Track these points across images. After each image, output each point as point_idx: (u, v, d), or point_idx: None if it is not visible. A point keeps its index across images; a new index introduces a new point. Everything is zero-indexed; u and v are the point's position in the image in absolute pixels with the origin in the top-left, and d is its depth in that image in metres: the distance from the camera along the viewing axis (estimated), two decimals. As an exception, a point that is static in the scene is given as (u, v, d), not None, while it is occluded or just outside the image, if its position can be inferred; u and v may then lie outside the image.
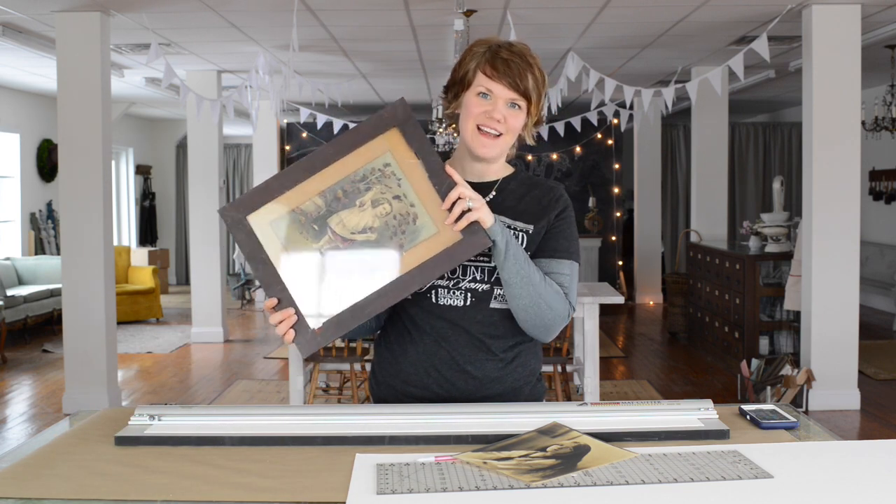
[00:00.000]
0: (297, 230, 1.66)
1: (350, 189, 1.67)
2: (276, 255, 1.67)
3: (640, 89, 6.02)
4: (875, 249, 9.86)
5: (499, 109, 1.73)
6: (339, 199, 1.67)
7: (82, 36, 5.49)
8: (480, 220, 1.64)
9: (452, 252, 1.65)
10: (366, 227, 1.66)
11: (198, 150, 8.21)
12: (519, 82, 1.71)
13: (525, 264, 1.69)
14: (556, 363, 4.89)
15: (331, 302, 1.65)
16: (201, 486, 1.32)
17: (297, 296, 1.65)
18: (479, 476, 1.32)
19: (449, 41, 6.61)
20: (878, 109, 7.86)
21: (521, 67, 1.72)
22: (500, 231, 1.67)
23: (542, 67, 1.76)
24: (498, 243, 1.67)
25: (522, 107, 1.74)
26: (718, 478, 1.32)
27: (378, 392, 1.87)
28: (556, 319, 1.74)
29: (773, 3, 5.48)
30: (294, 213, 1.67)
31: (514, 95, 1.72)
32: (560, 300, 1.74)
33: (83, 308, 5.56)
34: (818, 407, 5.53)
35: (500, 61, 1.72)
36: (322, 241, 1.66)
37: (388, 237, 1.66)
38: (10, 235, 9.57)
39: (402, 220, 1.66)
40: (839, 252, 5.52)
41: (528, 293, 1.70)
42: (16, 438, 5.12)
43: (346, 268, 1.65)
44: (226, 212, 1.69)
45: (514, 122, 1.74)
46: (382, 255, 1.65)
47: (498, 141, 1.75)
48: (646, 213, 10.93)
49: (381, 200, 1.66)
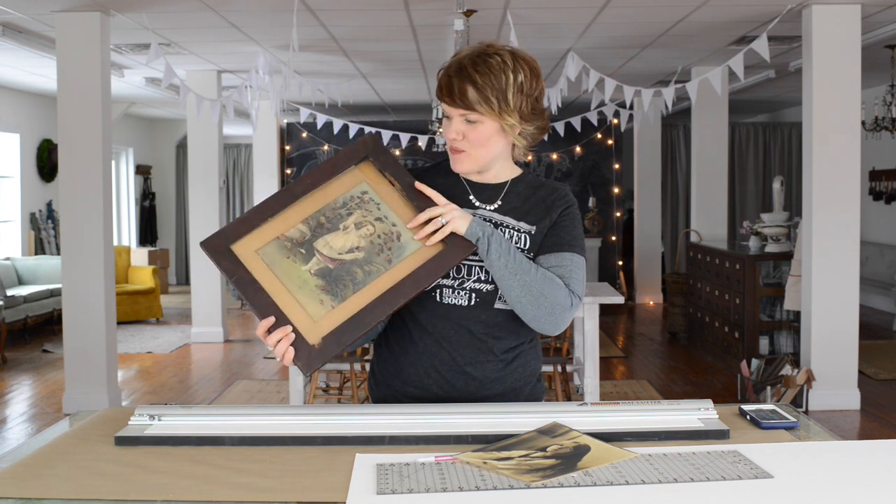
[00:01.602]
0: (284, 255, 1.68)
1: (332, 215, 1.72)
2: (265, 278, 1.66)
3: (640, 89, 6.02)
4: (875, 249, 9.86)
5: (453, 128, 1.75)
6: (322, 225, 1.71)
7: (82, 36, 5.49)
8: (455, 230, 1.68)
9: (440, 259, 1.69)
10: (352, 247, 1.69)
11: (198, 150, 8.21)
12: (458, 99, 1.72)
13: (511, 255, 1.70)
14: (556, 363, 4.89)
15: (327, 317, 1.64)
16: (201, 486, 1.32)
17: (293, 316, 1.64)
18: (479, 476, 1.32)
19: (449, 41, 6.61)
20: (878, 109, 7.86)
21: (460, 82, 1.72)
22: (478, 230, 1.69)
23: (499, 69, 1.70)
24: (479, 242, 1.69)
25: (477, 119, 1.73)
26: (718, 478, 1.32)
27: (377, 392, 1.87)
28: (557, 308, 1.71)
29: (773, 3, 5.48)
30: (279, 240, 1.69)
31: (460, 111, 1.74)
32: (557, 288, 1.72)
33: (83, 308, 5.56)
34: (818, 407, 5.53)
35: (445, 82, 1.75)
36: (311, 262, 1.68)
37: (376, 254, 1.69)
38: (10, 235, 9.57)
39: (386, 239, 1.70)
40: (839, 252, 5.52)
41: (519, 283, 1.69)
42: (16, 438, 5.12)
43: (339, 285, 1.66)
44: (208, 243, 1.69)
45: (474, 136, 1.75)
46: (373, 269, 1.67)
47: (464, 156, 1.77)
48: (646, 213, 10.94)
49: (363, 223, 1.71)
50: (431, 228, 1.68)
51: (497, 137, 1.77)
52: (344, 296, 1.65)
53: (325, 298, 1.65)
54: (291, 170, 11.04)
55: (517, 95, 1.73)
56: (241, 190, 13.50)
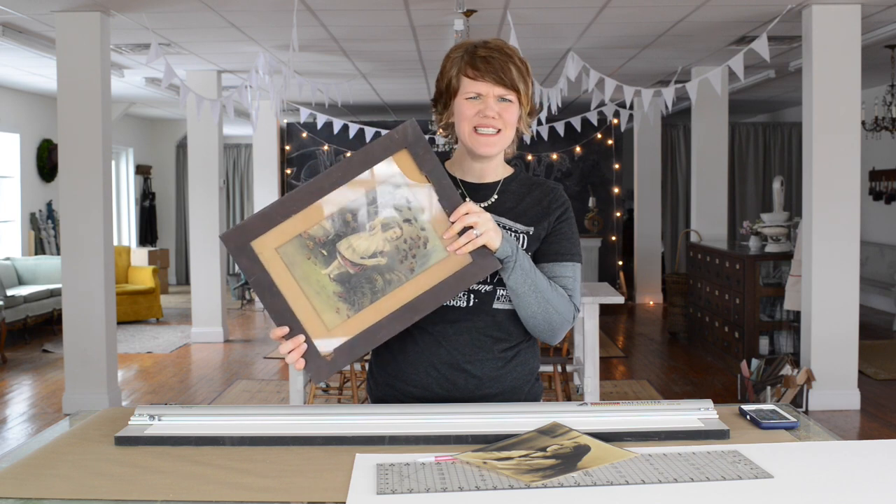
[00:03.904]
0: (304, 256, 1.62)
1: (359, 212, 1.62)
2: (284, 281, 1.62)
3: (640, 89, 6.02)
4: (875, 249, 9.86)
5: (490, 107, 1.73)
6: (347, 223, 1.63)
7: (82, 36, 5.49)
8: (488, 244, 1.64)
9: (463, 275, 1.64)
10: (376, 251, 1.63)
11: (198, 150, 8.21)
12: (503, 76, 1.72)
13: (532, 273, 1.71)
14: (556, 363, 4.89)
15: (341, 327, 1.62)
16: (201, 486, 1.32)
17: (307, 323, 1.61)
18: (479, 476, 1.32)
19: (449, 41, 6.61)
20: (878, 109, 7.86)
21: (501, 61, 1.72)
22: (508, 248, 1.67)
23: (522, 57, 1.77)
24: (507, 261, 1.67)
25: (513, 100, 1.74)
26: (718, 478, 1.32)
27: (376, 392, 1.87)
28: (564, 323, 1.77)
29: (773, 3, 5.48)
30: (301, 238, 1.62)
31: (501, 90, 1.73)
32: (566, 304, 1.76)
33: (83, 308, 5.56)
34: (818, 407, 5.53)
35: (480, 60, 1.72)
36: (331, 266, 1.62)
37: (399, 261, 1.63)
38: (10, 235, 9.57)
39: (412, 244, 1.63)
40: (839, 252, 5.52)
41: (536, 300, 1.72)
42: (16, 438, 5.12)
43: (357, 293, 1.63)
44: (228, 237, 1.63)
45: (508, 116, 1.75)
46: (393, 279, 1.63)
47: (498, 137, 1.76)
48: (646, 213, 10.94)
49: (391, 224, 1.63)
50: (465, 240, 1.62)
51: (516, 125, 1.79)
52: (361, 305, 1.62)
53: (342, 307, 1.62)
54: (291, 170, 11.04)
55: (532, 87, 1.78)
56: (241, 190, 13.50)
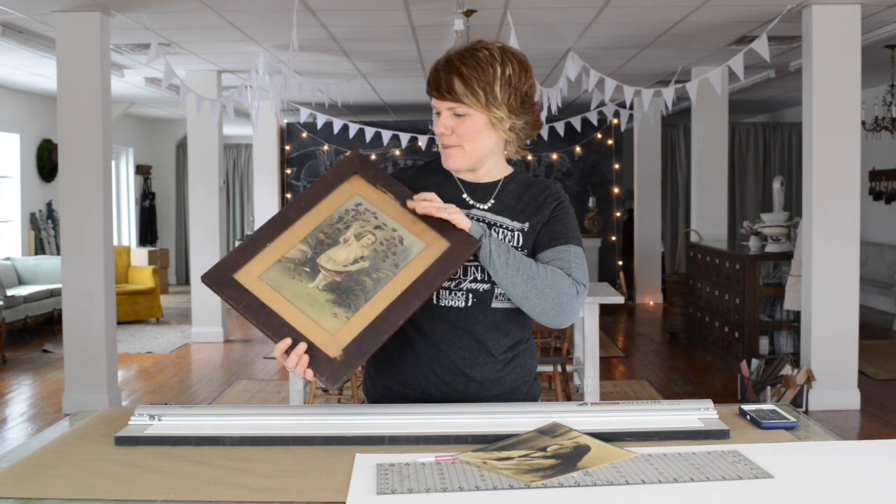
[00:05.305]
0: (289, 276, 1.65)
1: (330, 231, 1.71)
2: (274, 301, 1.63)
3: (640, 89, 6.02)
4: (875, 249, 9.86)
5: (441, 122, 1.74)
6: (322, 242, 1.69)
7: (82, 36, 5.49)
8: (456, 222, 1.67)
9: (449, 255, 1.66)
10: (356, 257, 1.67)
11: (198, 150, 8.21)
12: (445, 92, 1.71)
13: (510, 252, 1.69)
14: (555, 363, 4.89)
15: (344, 329, 1.61)
16: (201, 486, 1.32)
17: (308, 333, 1.61)
18: (479, 476, 1.32)
19: (449, 41, 6.61)
20: (878, 109, 7.86)
21: (447, 75, 1.71)
22: (478, 228, 1.70)
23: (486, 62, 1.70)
24: (482, 238, 1.68)
25: (467, 112, 1.72)
26: (718, 478, 1.32)
27: (374, 394, 1.86)
28: (564, 297, 1.70)
29: (773, 3, 5.48)
30: (281, 263, 1.67)
31: (448, 104, 1.73)
32: (560, 277, 1.71)
33: (83, 308, 5.56)
34: (818, 407, 5.53)
35: (433, 76, 1.74)
36: (317, 279, 1.65)
37: (381, 260, 1.67)
38: (10, 235, 9.57)
39: (389, 245, 1.69)
40: (839, 252, 5.52)
41: (522, 278, 1.68)
42: (16, 438, 5.12)
43: (350, 296, 1.64)
44: (210, 275, 1.66)
45: (462, 130, 1.74)
46: (381, 276, 1.65)
47: (457, 151, 1.76)
48: (646, 213, 10.94)
49: (363, 233, 1.70)
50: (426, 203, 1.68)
51: (486, 132, 1.75)
52: (357, 306, 1.62)
53: (339, 311, 1.62)
54: (291, 170, 11.04)
55: (505, 88, 1.72)
56: (241, 190, 13.50)
